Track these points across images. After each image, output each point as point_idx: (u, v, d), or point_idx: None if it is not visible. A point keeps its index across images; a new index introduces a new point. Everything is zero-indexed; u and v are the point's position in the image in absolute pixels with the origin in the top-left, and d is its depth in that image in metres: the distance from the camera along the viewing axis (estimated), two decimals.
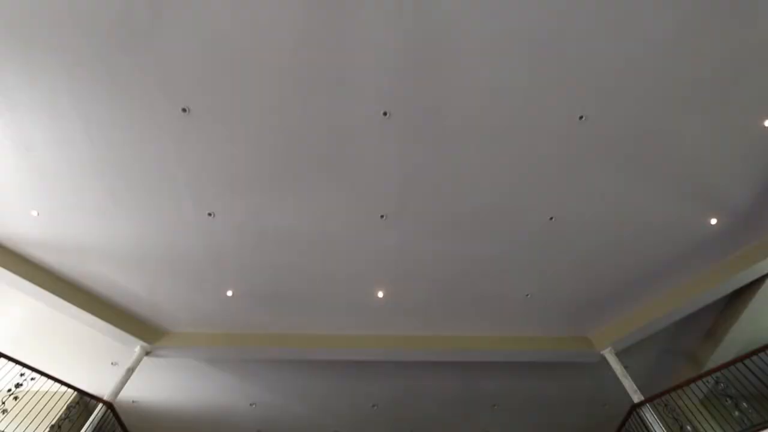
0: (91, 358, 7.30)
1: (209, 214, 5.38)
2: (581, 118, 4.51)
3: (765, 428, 4.77)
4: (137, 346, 6.76)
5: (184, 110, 4.40)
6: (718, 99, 4.49)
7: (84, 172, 4.94)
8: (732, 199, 5.43)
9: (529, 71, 4.19)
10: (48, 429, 6.40)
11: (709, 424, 6.71)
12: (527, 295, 6.54)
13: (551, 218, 5.50)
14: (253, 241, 5.73)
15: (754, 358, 5.54)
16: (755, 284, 6.27)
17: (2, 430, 5.02)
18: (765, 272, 6.08)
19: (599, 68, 4.18)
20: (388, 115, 4.45)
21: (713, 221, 5.63)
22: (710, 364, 7.11)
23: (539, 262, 6.08)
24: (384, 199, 5.27)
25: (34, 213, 5.39)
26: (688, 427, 5.96)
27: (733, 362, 5.53)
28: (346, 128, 4.59)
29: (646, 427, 5.96)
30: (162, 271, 6.11)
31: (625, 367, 6.87)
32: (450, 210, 5.40)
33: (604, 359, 6.99)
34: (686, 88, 4.37)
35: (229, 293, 6.41)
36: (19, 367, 5.69)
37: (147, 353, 6.87)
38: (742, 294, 6.53)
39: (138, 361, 6.69)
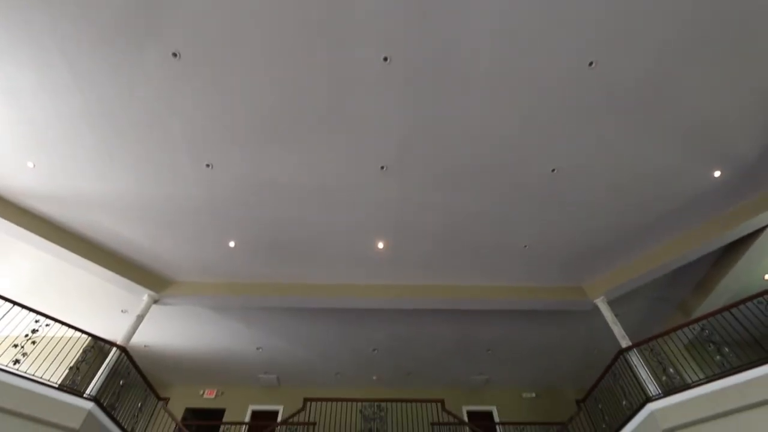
0: (102, 306, 7.60)
1: (207, 166, 5.32)
2: (591, 64, 4.32)
3: (743, 371, 5.03)
4: (145, 295, 6.99)
5: (174, 55, 4.20)
6: (728, 51, 4.29)
7: (75, 122, 4.84)
8: (737, 153, 5.34)
9: (539, 13, 3.94)
10: (66, 371, 6.80)
11: (691, 368, 7.09)
12: (525, 246, 6.64)
13: (553, 170, 5.45)
14: (253, 193, 5.72)
15: (741, 307, 5.72)
16: (751, 237, 6.34)
17: (24, 371, 5.32)
18: (762, 225, 6.13)
19: (611, 11, 3.93)
20: (388, 60, 4.25)
21: (717, 174, 5.58)
22: (698, 313, 7.38)
23: (539, 214, 6.11)
24: (384, 150, 5.19)
25: (30, 164, 5.35)
26: (671, 370, 6.29)
27: (720, 311, 5.72)
28: (346, 75, 4.40)
29: (631, 370, 6.30)
30: (163, 222, 6.16)
31: (616, 315, 7.14)
32: (451, 161, 5.33)
33: (596, 307, 7.25)
34: (698, 38, 4.17)
35: (231, 244, 6.51)
36: (33, 315, 5.92)
37: (155, 301, 7.12)
38: (737, 246, 6.63)
39: (147, 309, 6.96)
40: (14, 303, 5.71)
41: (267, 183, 5.58)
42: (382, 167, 5.37)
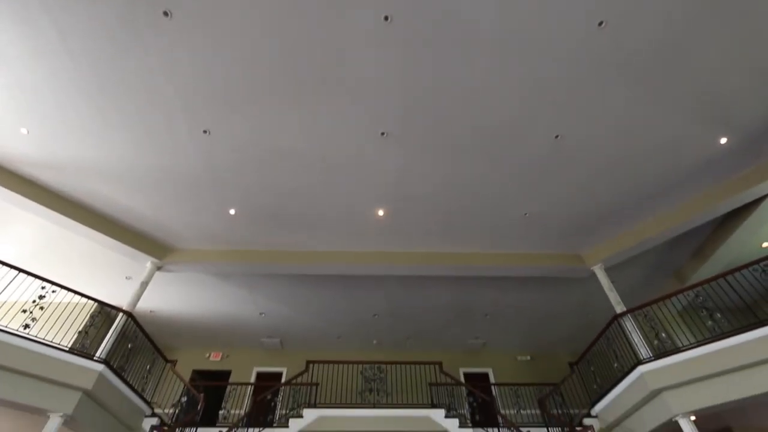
0: (106, 273, 7.71)
1: (204, 132, 5.23)
2: (600, 24, 4.14)
3: (733, 336, 5.18)
4: (148, 262, 7.08)
5: (165, 14, 4.02)
6: (738, 14, 4.12)
7: (66, 87, 4.71)
8: (745, 119, 5.24)
9: None
10: (75, 335, 7.00)
11: (683, 332, 7.31)
12: (525, 214, 6.65)
13: (557, 136, 5.36)
14: (252, 161, 5.66)
15: (737, 274, 5.81)
16: (752, 205, 6.34)
17: (35, 335, 5.48)
18: (763, 194, 6.10)
19: None
20: (389, 19, 4.08)
21: (723, 141, 5.50)
22: (693, 281, 7.50)
23: (541, 182, 6.08)
24: (384, 116, 5.08)
25: (24, 131, 5.25)
26: (663, 334, 6.47)
27: (715, 278, 5.81)
28: (345, 34, 4.23)
29: (625, 334, 6.49)
30: (162, 189, 6.14)
31: (612, 282, 7.27)
32: (452, 126, 5.23)
33: (593, 274, 7.37)
34: (707, 2, 4.01)
35: (232, 212, 6.52)
36: (39, 282, 6.01)
37: (158, 268, 7.22)
38: (737, 214, 6.64)
39: (150, 276, 7.06)
40: (19, 270, 5.79)
41: (266, 150, 5.51)
42: (383, 133, 5.28)
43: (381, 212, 6.56)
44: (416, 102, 4.91)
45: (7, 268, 5.81)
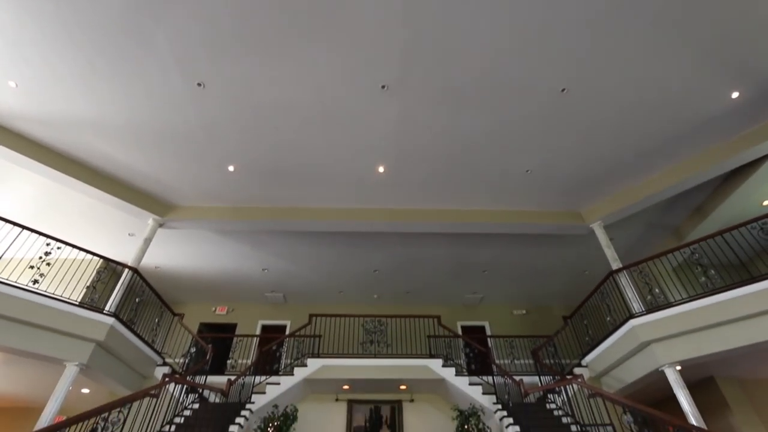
0: (109, 230, 7.78)
1: (199, 84, 5.06)
2: None
3: (723, 292, 5.31)
4: (149, 219, 7.12)
5: None
6: None
7: (52, 37, 4.50)
8: (760, 72, 5.04)
9: None
10: (84, 290, 7.18)
11: (676, 288, 7.49)
12: (527, 170, 6.59)
13: (563, 89, 5.19)
14: (250, 116, 5.52)
15: (734, 232, 5.85)
16: (756, 163, 6.26)
17: (45, 289, 5.62)
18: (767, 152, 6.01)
19: None
20: None
21: (735, 95, 5.33)
22: (691, 238, 7.57)
23: (544, 137, 5.96)
24: (385, 68, 4.89)
25: (12, 84, 5.09)
26: (656, 290, 6.64)
27: (713, 235, 5.85)
28: None
29: (619, 290, 6.66)
30: (159, 145, 6.04)
31: (611, 239, 7.35)
32: (455, 79, 5.05)
33: (591, 231, 7.43)
34: None
35: (231, 168, 6.46)
36: (43, 239, 6.08)
37: (160, 225, 7.27)
38: (740, 172, 6.57)
39: (153, 232, 7.13)
40: (23, 227, 5.83)
41: (263, 104, 5.36)
42: (383, 86, 5.11)
43: (381, 168, 6.49)
44: (418, 52, 4.70)
45: (11, 226, 5.86)
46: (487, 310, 10.52)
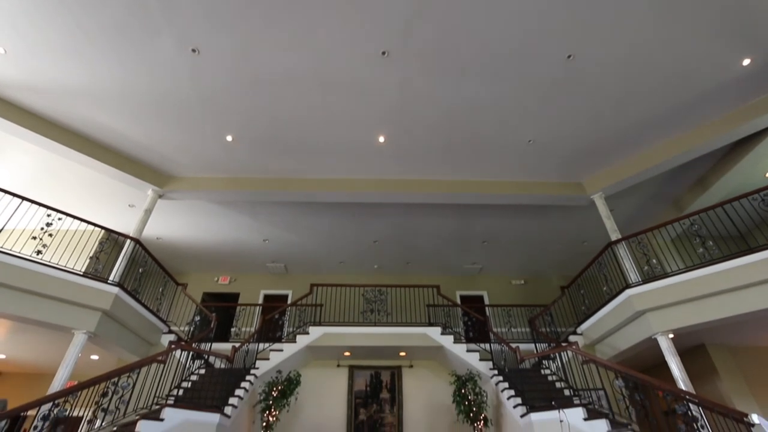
0: (110, 201, 7.76)
1: (193, 51, 4.90)
2: None
3: (718, 263, 5.36)
4: (149, 190, 7.10)
5: None
6: None
7: (40, 0, 4.31)
8: None
9: None
10: (87, 260, 7.26)
11: (673, 259, 7.57)
12: (529, 141, 6.50)
13: (569, 56, 5.03)
14: (246, 83, 5.38)
15: (735, 203, 5.84)
16: (762, 133, 6.15)
17: (48, 260, 5.68)
18: None
19: None
20: None
21: (746, 62, 5.17)
22: (691, 209, 7.56)
23: (548, 107, 5.84)
24: (386, 33, 4.71)
25: (1, 50, 4.92)
26: (654, 261, 6.71)
27: (714, 206, 5.85)
28: None
29: (617, 260, 6.72)
30: (155, 115, 5.94)
31: (611, 210, 7.35)
32: (458, 45, 4.88)
33: (592, 202, 7.42)
34: None
35: (229, 138, 6.37)
36: (43, 210, 6.08)
37: (160, 196, 7.25)
38: (745, 143, 6.48)
39: (152, 203, 7.12)
40: (23, 198, 5.82)
41: (260, 71, 5.21)
42: (384, 53, 4.95)
43: (381, 138, 6.40)
44: (419, 16, 4.52)
45: (11, 197, 5.84)
46: (485, 280, 10.68)
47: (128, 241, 6.62)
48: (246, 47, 4.87)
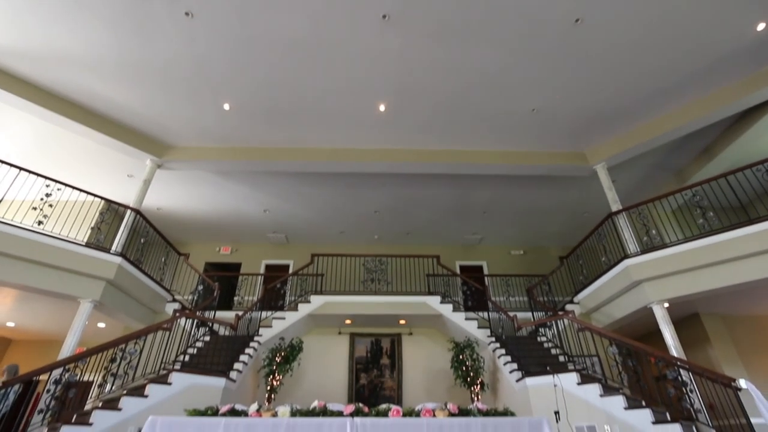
0: (108, 172, 7.70)
1: (186, 14, 4.71)
2: None
3: (720, 233, 5.38)
4: (147, 160, 7.02)
5: None
6: None
7: None
8: None
9: None
10: (89, 231, 7.29)
11: (673, 230, 7.58)
12: (533, 109, 6.36)
13: (577, 20, 4.83)
14: (242, 49, 5.21)
15: (738, 174, 5.78)
16: None
17: (50, 230, 5.70)
18: None
19: None
20: None
21: (760, 27, 4.97)
22: (695, 181, 7.50)
23: (553, 74, 5.68)
24: None
25: None
26: (653, 231, 6.73)
27: (716, 177, 5.80)
28: None
29: (617, 231, 6.75)
30: (150, 83, 5.79)
31: (613, 181, 7.29)
32: (461, 7, 4.68)
33: (594, 173, 7.35)
34: None
35: (226, 107, 6.23)
36: (42, 180, 6.05)
37: (158, 166, 7.18)
38: (753, 112, 6.33)
39: (151, 174, 7.07)
40: (21, 168, 5.77)
41: (256, 37, 5.03)
42: (384, 16, 4.75)
43: (382, 107, 6.26)
44: None
45: (8, 167, 5.79)
46: (485, 250, 10.76)
47: (129, 211, 6.62)
48: (241, 10, 4.67)
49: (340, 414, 3.19)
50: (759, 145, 6.84)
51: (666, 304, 5.82)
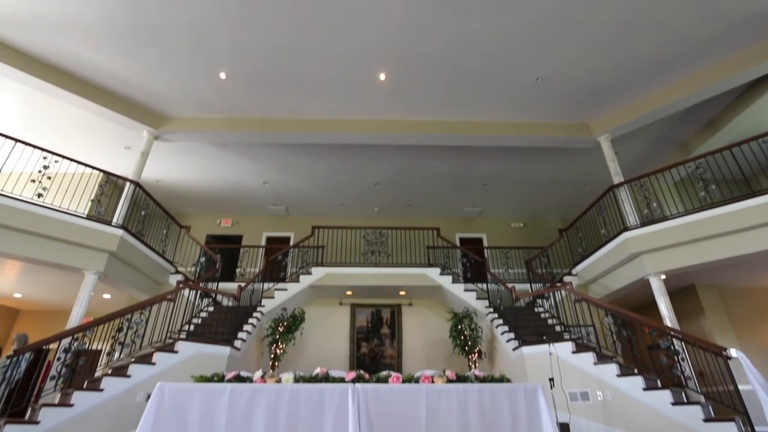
0: (105, 143, 7.61)
1: None
2: None
3: (721, 206, 5.37)
4: (144, 131, 6.93)
5: None
6: None
7: None
8: None
9: None
10: (89, 203, 7.28)
11: (674, 203, 7.56)
12: (538, 78, 6.20)
13: None
14: (237, 13, 5.02)
15: (744, 146, 5.71)
16: None
17: (50, 202, 5.70)
18: None
19: None
20: None
21: None
22: (699, 153, 7.41)
23: (559, 41, 5.50)
24: None
25: None
26: (654, 204, 6.71)
27: (721, 149, 5.73)
28: None
29: (617, 204, 6.74)
30: (143, 50, 5.62)
31: (616, 153, 7.22)
32: None
33: (597, 145, 7.26)
34: None
35: (223, 76, 6.08)
36: (39, 152, 5.98)
37: (156, 138, 7.10)
38: (761, 83, 6.17)
39: (148, 145, 6.99)
40: (17, 140, 5.70)
41: (252, 1, 4.83)
42: None
43: (382, 76, 6.11)
44: None
45: (4, 139, 5.72)
46: (485, 222, 10.79)
47: (128, 183, 6.59)
48: None
49: (342, 380, 3.29)
50: (766, 118, 6.71)
51: (663, 276, 5.89)
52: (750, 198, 5.18)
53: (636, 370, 4.90)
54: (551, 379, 4.75)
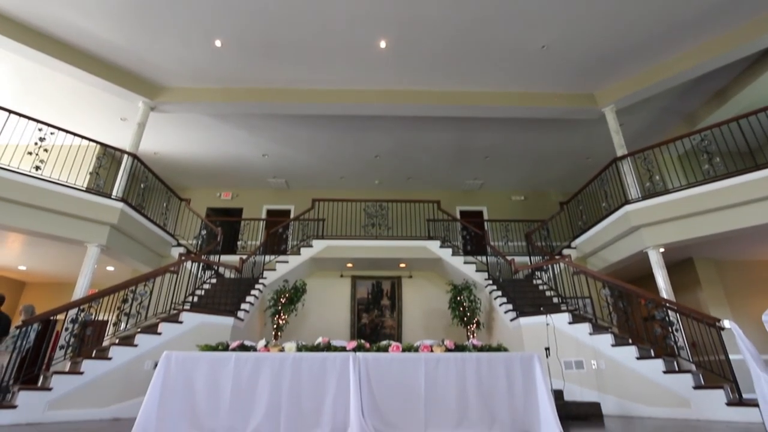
0: (101, 114, 7.48)
1: None
2: None
3: (723, 179, 5.32)
4: (139, 102, 6.80)
5: None
6: None
7: None
8: None
9: None
10: (87, 176, 7.24)
11: (677, 176, 7.52)
12: (543, 46, 6.02)
13: None
14: None
15: (751, 118, 5.60)
16: None
17: (48, 175, 5.66)
18: None
19: None
20: None
21: None
22: (705, 124, 7.28)
23: (566, 7, 5.30)
24: None
25: None
26: (657, 177, 6.67)
27: (727, 121, 5.63)
28: None
29: (620, 177, 6.69)
30: (136, 17, 5.44)
31: (621, 125, 7.09)
32: None
33: (601, 116, 7.14)
34: None
35: (218, 43, 5.90)
36: (34, 124, 5.89)
37: (152, 109, 6.97)
38: None
39: (145, 117, 6.88)
40: (11, 112, 5.59)
41: None
42: None
43: (383, 43, 5.92)
44: None
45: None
46: (486, 195, 10.76)
47: (126, 156, 6.53)
48: None
49: (343, 349, 3.38)
50: None
51: (662, 249, 5.93)
52: (753, 171, 5.13)
53: (630, 340, 5.02)
54: (547, 349, 4.88)
